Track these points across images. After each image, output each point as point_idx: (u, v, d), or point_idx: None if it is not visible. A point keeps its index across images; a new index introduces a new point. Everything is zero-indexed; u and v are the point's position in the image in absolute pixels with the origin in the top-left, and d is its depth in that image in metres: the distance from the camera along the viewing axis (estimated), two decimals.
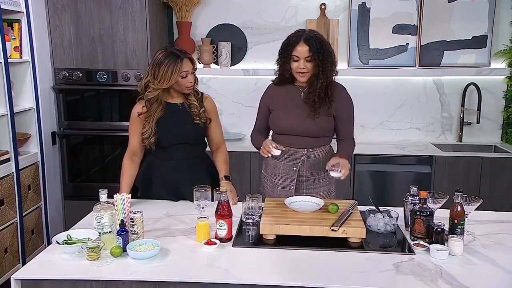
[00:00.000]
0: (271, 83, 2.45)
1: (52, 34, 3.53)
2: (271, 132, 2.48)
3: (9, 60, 3.05)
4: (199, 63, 3.92)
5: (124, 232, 1.80)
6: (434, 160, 3.55)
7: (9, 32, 3.15)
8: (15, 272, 1.69)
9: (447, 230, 1.90)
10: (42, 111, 3.41)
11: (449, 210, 1.91)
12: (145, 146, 2.40)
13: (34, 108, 3.36)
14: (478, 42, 3.86)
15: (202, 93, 2.48)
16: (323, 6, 3.90)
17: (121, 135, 3.46)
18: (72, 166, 3.76)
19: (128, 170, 2.40)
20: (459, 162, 3.54)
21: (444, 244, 1.83)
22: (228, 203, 1.93)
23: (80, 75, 3.57)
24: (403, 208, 2.10)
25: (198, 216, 1.96)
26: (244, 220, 2.04)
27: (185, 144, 2.40)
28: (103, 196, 1.89)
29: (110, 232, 1.80)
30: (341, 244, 1.88)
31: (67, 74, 3.57)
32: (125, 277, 1.65)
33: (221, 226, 1.90)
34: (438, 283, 1.60)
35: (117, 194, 1.96)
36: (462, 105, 3.96)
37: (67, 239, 1.87)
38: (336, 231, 1.87)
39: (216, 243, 1.85)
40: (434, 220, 1.90)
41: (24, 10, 3.23)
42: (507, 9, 3.84)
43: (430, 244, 1.83)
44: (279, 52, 2.32)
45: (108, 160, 3.78)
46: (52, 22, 3.52)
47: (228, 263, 1.76)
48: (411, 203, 2.01)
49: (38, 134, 3.40)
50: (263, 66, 3.90)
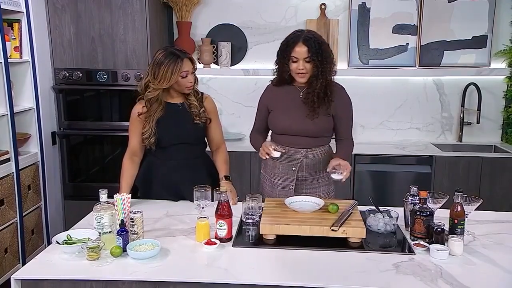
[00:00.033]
0: (270, 83, 2.45)
1: (52, 34, 3.53)
2: (270, 132, 2.48)
3: (9, 60, 3.05)
4: (199, 63, 3.92)
5: (124, 232, 1.80)
6: (434, 160, 3.55)
7: (9, 32, 3.15)
8: (15, 272, 1.69)
9: (447, 230, 1.90)
10: (42, 111, 3.41)
11: (449, 210, 1.91)
12: (145, 146, 2.40)
13: (34, 108, 3.36)
14: (478, 42, 3.86)
15: (202, 93, 2.48)
16: (323, 6, 3.90)
17: (121, 135, 3.46)
18: (72, 166, 3.76)
19: (128, 170, 2.40)
20: (459, 162, 3.54)
21: (444, 244, 1.83)
22: (228, 203, 1.93)
23: (80, 75, 3.57)
24: (403, 208, 2.10)
25: (198, 216, 1.96)
26: (244, 220, 2.04)
27: (185, 144, 2.40)
28: (103, 196, 1.90)
29: (110, 232, 1.80)
30: (341, 244, 1.88)
31: (67, 74, 3.57)
32: (125, 277, 1.65)
33: (221, 226, 1.90)
34: (438, 283, 1.60)
35: (117, 194, 1.96)
36: (462, 105, 3.96)
37: (67, 239, 1.87)
38: (336, 231, 1.87)
39: (216, 243, 1.85)
40: (434, 220, 1.90)
41: (24, 10, 3.22)
42: (507, 9, 3.84)
43: (430, 244, 1.83)
44: (278, 53, 2.32)
45: (108, 160, 3.78)
46: (52, 22, 3.52)
47: (228, 263, 1.76)
48: (411, 203, 2.01)
49: (38, 134, 3.40)
50: (263, 66, 3.90)
